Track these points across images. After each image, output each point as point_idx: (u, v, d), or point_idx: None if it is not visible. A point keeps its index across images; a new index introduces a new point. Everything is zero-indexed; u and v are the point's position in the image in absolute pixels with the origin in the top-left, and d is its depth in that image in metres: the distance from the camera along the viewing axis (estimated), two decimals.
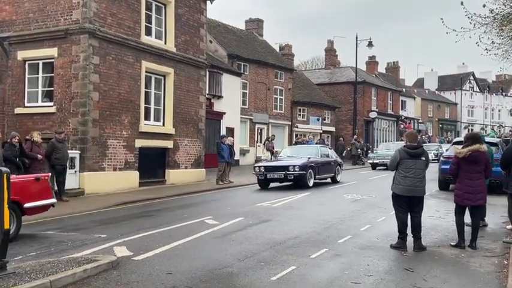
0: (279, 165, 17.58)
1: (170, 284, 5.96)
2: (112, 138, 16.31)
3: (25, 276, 5.84)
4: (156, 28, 18.58)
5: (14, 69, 16.54)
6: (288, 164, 17.19)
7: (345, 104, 44.25)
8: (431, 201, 13.42)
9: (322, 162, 18.51)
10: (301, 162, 17.22)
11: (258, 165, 18.09)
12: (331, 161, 19.47)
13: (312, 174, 17.40)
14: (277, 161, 18.58)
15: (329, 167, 19.05)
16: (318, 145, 21.45)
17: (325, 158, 19.12)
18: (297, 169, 16.83)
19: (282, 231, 9.34)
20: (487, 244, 8.28)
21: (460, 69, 69.89)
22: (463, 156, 7.80)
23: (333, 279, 6.21)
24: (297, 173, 16.81)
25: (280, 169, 17.26)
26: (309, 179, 17.18)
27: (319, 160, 18.31)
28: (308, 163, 17.32)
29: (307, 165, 17.22)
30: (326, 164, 18.84)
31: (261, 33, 40.45)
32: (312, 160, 17.66)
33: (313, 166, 17.51)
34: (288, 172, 16.89)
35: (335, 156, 20.39)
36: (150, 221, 10.88)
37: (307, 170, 17.10)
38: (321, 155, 18.77)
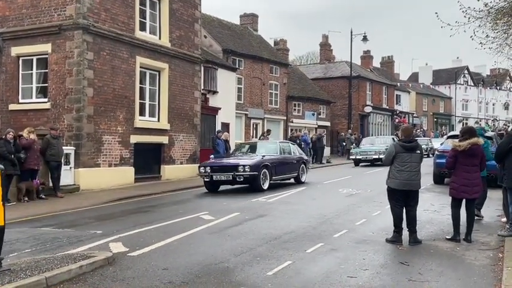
0: (227, 164, 15.15)
1: (166, 280, 5.96)
2: (107, 134, 16.27)
3: (20, 273, 5.82)
4: (150, 23, 18.51)
5: (7, 65, 16.45)
6: (237, 164, 14.79)
7: (340, 98, 44.26)
8: (427, 195, 13.47)
9: (282, 161, 16.34)
10: (253, 161, 14.92)
11: (204, 164, 15.61)
12: (294, 159, 17.28)
13: (267, 174, 15.11)
14: (226, 160, 16.11)
15: (291, 166, 16.91)
16: (278, 141, 18.45)
17: (286, 155, 17.04)
18: (248, 169, 14.44)
19: (277, 226, 9.35)
20: (482, 237, 8.32)
21: (455, 63, 70.03)
22: (463, 149, 7.83)
23: (328, 274, 6.22)
24: (247, 174, 14.43)
25: (228, 169, 14.79)
26: (263, 181, 14.94)
27: (277, 158, 16.11)
28: (262, 162, 14.99)
29: (261, 165, 14.88)
30: (287, 163, 16.71)
31: (256, 28, 40.34)
32: (267, 158, 15.40)
33: (268, 165, 15.16)
34: (237, 173, 14.46)
35: (299, 153, 18.26)
36: (145, 216, 10.86)
37: (260, 170, 14.79)
38: (280, 152, 16.65)
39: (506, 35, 15.74)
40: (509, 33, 15.68)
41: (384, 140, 28.70)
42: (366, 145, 28.06)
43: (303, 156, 18.47)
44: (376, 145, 27.31)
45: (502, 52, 16.78)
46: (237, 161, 15.13)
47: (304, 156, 18.59)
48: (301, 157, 18.00)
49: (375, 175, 19.86)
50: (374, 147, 26.81)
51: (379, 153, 24.84)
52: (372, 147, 26.98)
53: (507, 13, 14.63)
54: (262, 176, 14.89)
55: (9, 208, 10.32)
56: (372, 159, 25.83)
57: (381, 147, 25.55)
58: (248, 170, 14.45)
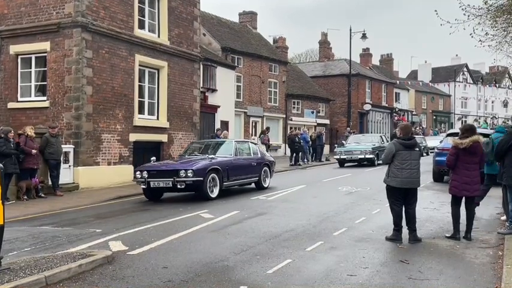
0: (166, 168, 12.93)
1: (166, 278, 5.95)
2: (106, 133, 16.25)
3: (20, 272, 5.81)
4: (149, 21, 18.47)
5: (6, 63, 16.41)
6: (178, 168, 12.62)
7: (339, 96, 44.27)
8: (426, 193, 13.47)
9: (237, 163, 14.18)
10: (198, 164, 12.74)
11: (141, 168, 13.34)
12: (254, 161, 15.03)
13: (217, 180, 12.99)
14: (166, 163, 14.13)
15: (250, 169, 14.73)
16: (234, 140, 15.90)
17: (244, 157, 14.88)
18: (191, 174, 12.26)
19: (277, 224, 9.34)
20: (482, 235, 8.32)
21: (454, 61, 70.05)
22: (464, 146, 7.82)
23: (328, 272, 6.22)
24: (190, 180, 12.28)
25: (167, 174, 12.57)
26: (211, 188, 12.82)
27: (230, 160, 13.93)
28: (209, 165, 12.84)
29: (207, 169, 12.69)
30: (244, 166, 14.52)
31: (255, 26, 40.32)
32: (217, 161, 13.32)
33: (218, 169, 13.05)
34: (178, 179, 12.31)
35: (261, 155, 16.00)
36: (145, 215, 10.85)
37: (207, 176, 12.61)
38: (236, 153, 14.47)
39: (506, 33, 15.73)
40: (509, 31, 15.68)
41: (371, 138, 27.24)
42: (352, 144, 25.89)
43: (267, 158, 16.31)
44: (362, 144, 25.40)
45: (501, 50, 16.80)
46: (179, 165, 13.01)
47: (268, 158, 16.42)
48: (263, 159, 15.77)
49: (374, 173, 19.85)
50: (360, 146, 25.00)
51: (366, 153, 23.90)
52: (357, 146, 25.03)
53: (506, 11, 14.62)
54: (210, 183, 12.74)
55: (9, 207, 10.31)
56: (357, 159, 24.14)
57: (367, 147, 24.46)
58: (191, 175, 12.26)
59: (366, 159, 23.97)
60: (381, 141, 25.89)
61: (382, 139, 26.66)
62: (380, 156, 23.89)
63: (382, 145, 24.84)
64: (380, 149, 24.25)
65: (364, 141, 26.11)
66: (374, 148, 24.38)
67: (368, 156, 23.88)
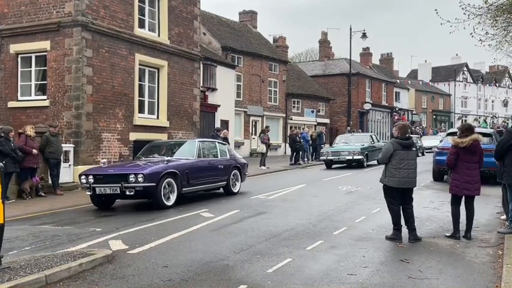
0: (114, 172, 11.32)
1: (166, 277, 5.95)
2: (106, 132, 16.25)
3: (20, 270, 5.81)
4: (149, 20, 18.47)
5: (6, 62, 16.42)
6: (127, 172, 11.04)
7: (339, 95, 44.28)
8: (426, 192, 13.48)
9: (200, 166, 12.66)
10: (150, 168, 11.15)
11: (86, 172, 11.74)
12: (222, 164, 13.53)
13: (174, 185, 11.48)
14: (114, 167, 12.26)
15: (216, 173, 13.20)
16: (198, 140, 13.98)
17: (209, 159, 13.37)
18: (141, 179, 10.73)
19: (277, 223, 9.35)
20: (481, 235, 8.33)
21: (454, 60, 70.04)
22: (465, 145, 7.82)
23: (328, 271, 6.22)
24: (140, 186, 10.76)
25: (114, 179, 11.03)
26: (166, 195, 11.31)
27: (191, 163, 12.37)
28: (164, 169, 11.25)
29: (162, 173, 11.10)
30: (208, 169, 12.97)
31: (255, 25, 40.33)
32: (175, 164, 11.76)
33: (175, 173, 11.49)
34: (127, 184, 10.77)
35: (231, 156, 14.41)
36: (145, 214, 10.83)
37: (161, 181, 11.03)
38: (199, 155, 12.85)
39: (506, 32, 15.73)
40: (509, 30, 15.68)
41: (361, 138, 25.67)
42: (340, 144, 24.50)
43: (238, 160, 14.67)
44: (351, 144, 23.90)
45: (502, 49, 16.77)
46: (128, 168, 11.46)
47: (239, 160, 14.77)
48: (233, 161, 14.25)
49: (374, 172, 19.84)
50: (348, 146, 23.48)
51: (354, 154, 22.43)
52: (345, 146, 23.57)
53: (507, 10, 14.62)
54: (165, 188, 11.24)
55: (9, 206, 10.29)
56: (345, 160, 22.66)
57: (355, 147, 22.98)
58: (141, 181, 10.75)
59: (354, 161, 22.50)
60: (371, 141, 24.80)
61: (373, 138, 25.59)
62: (370, 157, 23.28)
63: (373, 145, 24.20)
64: (370, 149, 23.59)
65: (353, 141, 24.58)
66: (363, 148, 23.09)
67: (356, 157, 22.44)
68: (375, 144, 24.69)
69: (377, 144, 24.88)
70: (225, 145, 15.07)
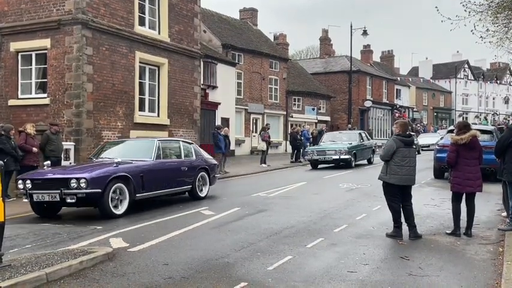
0: (53, 177, 9.90)
1: (166, 275, 5.96)
2: (107, 130, 16.24)
3: (21, 268, 5.82)
4: (149, 18, 18.45)
5: (6, 60, 16.41)
6: (67, 176, 9.71)
7: (339, 93, 44.26)
8: (427, 190, 13.47)
9: (158, 169, 11.29)
10: (95, 171, 9.77)
11: (23, 176, 10.38)
12: (186, 166, 12.25)
13: (125, 191, 10.15)
14: (55, 170, 10.52)
15: (178, 176, 11.92)
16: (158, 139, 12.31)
17: (172, 160, 12.11)
18: (84, 184, 9.42)
19: (278, 221, 9.35)
20: (482, 232, 8.33)
21: (455, 57, 70.02)
22: (464, 142, 7.82)
23: (329, 268, 6.22)
24: (82, 192, 9.43)
25: (54, 184, 9.67)
26: (115, 201, 9.96)
27: (148, 165, 11.03)
28: (112, 173, 9.90)
29: (109, 176, 9.78)
30: (169, 171, 11.68)
31: (256, 23, 40.29)
32: (125, 167, 10.34)
33: (126, 177, 10.19)
34: (68, 190, 9.46)
35: (197, 157, 12.95)
36: (145, 212, 10.84)
37: (108, 186, 9.70)
38: (158, 156, 11.46)
39: (507, 29, 15.73)
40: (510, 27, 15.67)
41: (349, 136, 23.96)
42: (327, 142, 22.95)
43: (206, 161, 13.22)
44: (338, 142, 22.33)
45: (503, 46, 16.78)
46: (69, 171, 10.14)
47: (208, 161, 13.36)
48: (199, 162, 12.83)
49: (375, 170, 19.82)
50: (335, 145, 21.92)
51: (341, 153, 20.95)
52: (332, 145, 22.00)
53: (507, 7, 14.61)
54: (114, 194, 9.91)
55: (9, 204, 10.28)
56: (331, 160, 21.18)
57: (343, 146, 21.44)
58: (84, 186, 9.41)
59: (341, 160, 21.03)
60: (360, 139, 23.21)
61: (361, 136, 23.94)
62: (359, 156, 22.11)
63: (362, 143, 23.02)
64: (359, 147, 22.36)
65: (340, 139, 23.04)
66: (351, 147, 21.57)
67: (343, 157, 20.95)
68: (365, 143, 23.54)
69: (367, 143, 23.88)
70: (191, 144, 13.43)
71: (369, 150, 23.81)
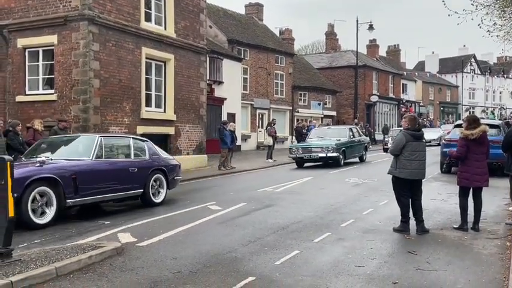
0: None
1: (175, 269, 6.00)
2: (114, 125, 16.30)
3: (30, 263, 5.88)
4: (155, 14, 18.46)
5: (14, 57, 16.47)
6: None
7: (346, 88, 44.15)
8: (434, 184, 13.46)
9: (99, 169, 9.80)
10: None
11: None
12: (135, 166, 10.67)
13: (52, 196, 8.70)
14: None
15: (125, 178, 10.40)
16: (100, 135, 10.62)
17: (117, 159, 10.62)
18: None
19: (285, 216, 9.37)
20: (489, 226, 8.32)
21: (461, 51, 69.62)
22: (475, 137, 7.81)
23: (336, 263, 6.24)
24: None
25: None
26: (38, 209, 8.54)
27: (84, 165, 9.55)
28: (34, 174, 8.48)
29: (28, 179, 8.32)
30: (113, 173, 10.19)
31: (261, 18, 40.22)
32: (52, 167, 8.98)
33: (54, 180, 8.76)
34: None
35: (152, 156, 11.35)
36: (153, 207, 10.90)
37: (28, 191, 8.28)
38: (98, 155, 9.93)
39: None
40: None
41: (338, 131, 22.17)
42: (314, 138, 21.25)
43: (163, 161, 11.61)
44: (326, 139, 20.57)
45: (510, 40, 16.66)
46: None
47: (165, 161, 11.72)
48: (154, 162, 11.28)
49: (381, 165, 19.82)
50: (322, 141, 20.21)
51: (328, 150, 19.14)
52: (319, 141, 20.29)
53: None
54: (35, 200, 8.48)
55: None
56: (317, 158, 19.42)
57: (330, 142, 19.66)
58: None
59: (329, 159, 19.37)
60: (350, 135, 21.33)
61: (352, 132, 21.99)
62: (349, 153, 20.42)
63: (352, 139, 21.21)
64: (349, 144, 20.63)
65: (329, 135, 21.30)
66: (339, 144, 19.73)
67: (331, 155, 19.17)
68: (355, 139, 21.70)
69: (358, 139, 22.06)
70: (144, 142, 11.68)
71: (361, 146, 22.16)
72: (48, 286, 5.44)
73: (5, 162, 5.95)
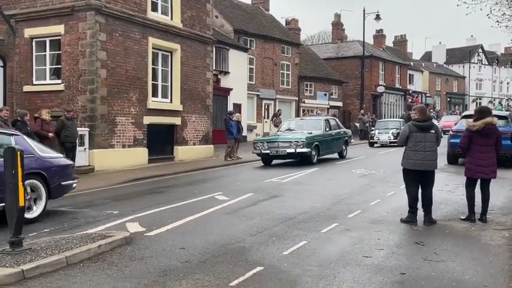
0: None
1: (184, 259, 6.04)
2: (120, 115, 16.34)
3: (41, 252, 5.93)
4: (162, 4, 18.42)
5: (21, 47, 16.51)
6: None
7: (352, 78, 44.00)
8: (441, 175, 13.41)
9: None
10: None
11: None
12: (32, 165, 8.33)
13: None
14: None
15: None
16: None
17: None
18: None
19: (292, 206, 9.39)
20: (497, 217, 8.31)
21: (469, 41, 69.19)
22: (476, 129, 7.79)
23: (344, 253, 6.26)
24: None
25: None
26: None
27: None
28: None
29: None
30: None
31: (267, 8, 40.05)
32: None
33: None
34: None
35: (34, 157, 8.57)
36: (160, 197, 10.97)
37: None
38: None
39: None
40: None
41: (311, 123, 19.12)
42: (284, 132, 18.57)
43: (45, 162, 8.89)
44: (297, 132, 17.93)
45: None
46: None
47: (50, 162, 9.05)
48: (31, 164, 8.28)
49: (388, 155, 19.80)
50: (291, 135, 17.51)
51: (298, 145, 16.42)
52: (288, 135, 17.59)
53: None
54: None
55: None
56: (285, 154, 16.68)
57: (300, 136, 16.93)
58: None
59: (299, 155, 16.63)
60: (326, 127, 18.36)
61: (329, 124, 19.03)
62: (324, 148, 17.70)
63: (328, 132, 18.35)
64: (324, 138, 17.87)
65: (301, 127, 18.60)
66: (311, 138, 16.99)
67: (300, 150, 16.41)
68: (333, 132, 18.78)
69: (336, 132, 19.11)
70: (11, 136, 8.62)
71: (339, 141, 19.27)
72: (58, 275, 5.49)
73: (16, 152, 6.00)
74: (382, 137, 26.66)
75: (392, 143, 24.89)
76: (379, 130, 27.58)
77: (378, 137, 26.78)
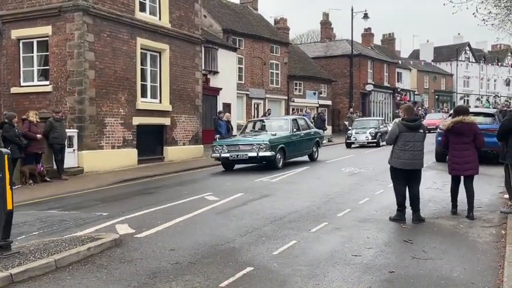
0: None
1: (173, 260, 6.04)
2: (109, 116, 16.28)
3: (30, 255, 5.90)
4: (150, 4, 18.36)
5: (8, 48, 16.38)
6: None
7: (341, 77, 44.15)
8: (429, 173, 13.51)
9: None
10: None
11: None
12: None
13: None
14: None
15: None
16: None
17: None
18: None
19: (282, 205, 9.42)
20: (484, 214, 8.39)
21: (456, 39, 69.64)
22: (446, 128, 8.17)
23: (333, 252, 6.30)
24: None
25: None
26: None
27: None
28: None
29: None
30: None
31: (256, 7, 40.07)
32: None
33: None
34: None
35: None
36: (150, 198, 10.94)
37: None
38: None
39: (508, 11, 15.64)
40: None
41: (279, 123, 17.70)
42: (248, 133, 17.25)
43: None
44: (261, 133, 16.70)
45: (504, 28, 16.70)
46: None
47: None
48: None
49: (377, 154, 19.90)
50: (254, 137, 16.16)
51: (260, 148, 14.94)
52: (250, 137, 16.22)
53: None
54: None
55: (15, 191, 10.30)
56: (246, 158, 15.19)
57: (263, 138, 15.47)
58: None
59: (262, 159, 15.25)
60: (293, 128, 16.89)
61: (298, 124, 17.53)
62: (290, 151, 16.21)
63: (296, 133, 16.86)
64: (291, 140, 16.35)
65: (267, 128, 17.36)
66: (274, 140, 15.43)
67: (263, 154, 14.97)
68: (301, 133, 17.29)
69: (305, 133, 17.58)
70: None
71: (309, 142, 17.75)
72: (47, 278, 5.47)
73: (3, 155, 5.96)
74: (359, 137, 24.58)
75: (370, 143, 23.99)
76: (356, 130, 25.33)
77: (355, 137, 24.64)
